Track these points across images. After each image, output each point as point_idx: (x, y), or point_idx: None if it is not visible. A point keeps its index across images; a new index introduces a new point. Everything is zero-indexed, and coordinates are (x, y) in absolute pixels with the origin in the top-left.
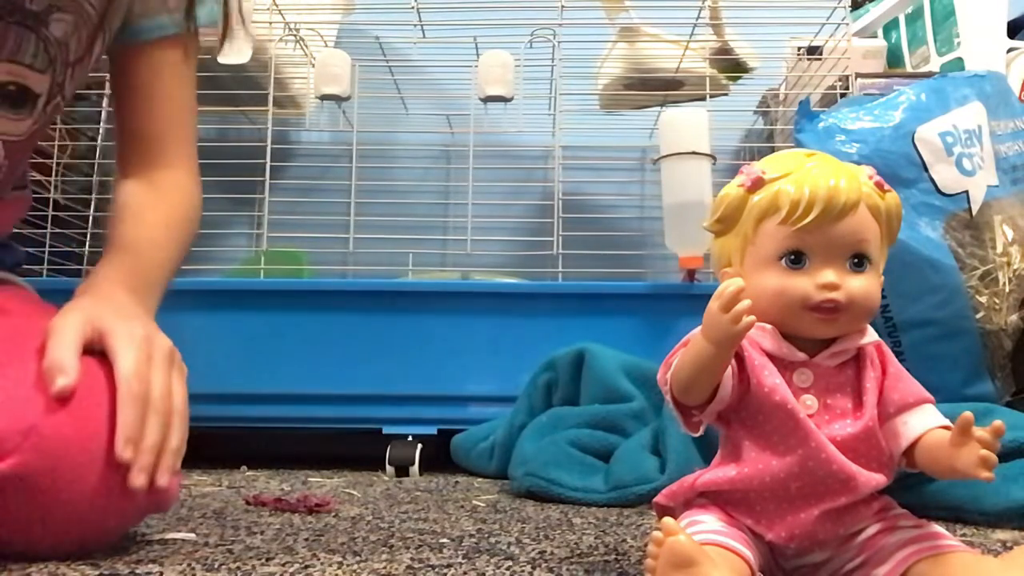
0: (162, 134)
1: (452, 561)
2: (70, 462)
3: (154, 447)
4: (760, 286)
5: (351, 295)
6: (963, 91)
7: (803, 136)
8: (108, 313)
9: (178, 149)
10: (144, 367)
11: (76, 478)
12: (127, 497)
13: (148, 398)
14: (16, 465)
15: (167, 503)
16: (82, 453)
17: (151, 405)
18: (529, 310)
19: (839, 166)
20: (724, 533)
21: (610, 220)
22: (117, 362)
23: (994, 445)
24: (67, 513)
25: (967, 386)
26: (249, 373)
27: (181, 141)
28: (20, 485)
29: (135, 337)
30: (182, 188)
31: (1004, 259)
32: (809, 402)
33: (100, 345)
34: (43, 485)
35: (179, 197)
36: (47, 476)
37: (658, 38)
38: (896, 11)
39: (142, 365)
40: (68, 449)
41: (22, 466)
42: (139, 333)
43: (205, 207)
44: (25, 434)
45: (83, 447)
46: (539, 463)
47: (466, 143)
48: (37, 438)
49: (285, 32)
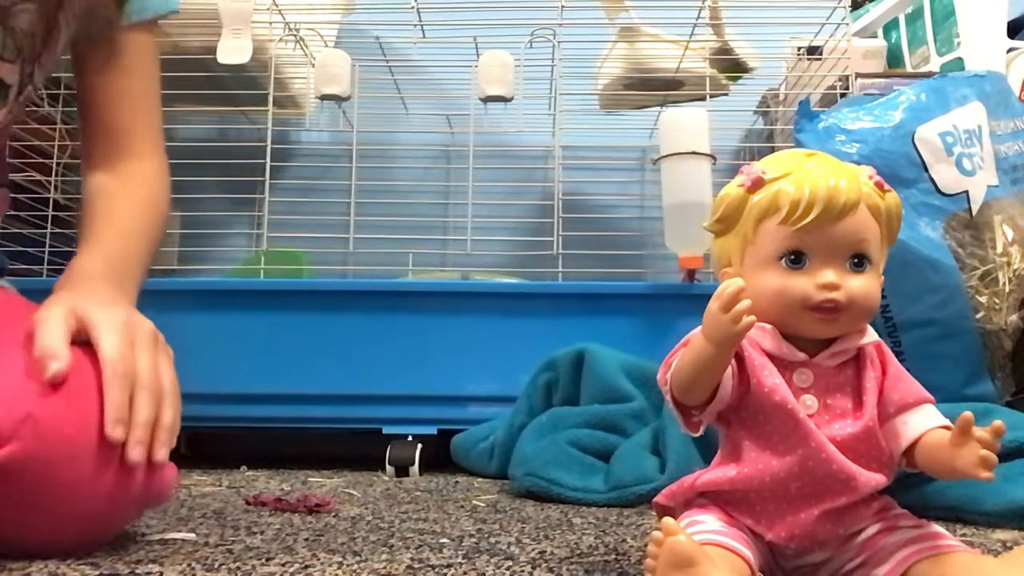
0: (128, 125)
1: (452, 561)
2: (67, 448)
3: (147, 422)
4: (760, 286)
5: (351, 295)
6: (963, 91)
7: (803, 136)
8: (88, 303)
9: (144, 138)
10: (128, 350)
11: (74, 464)
12: (125, 480)
13: (135, 378)
14: (14, 452)
15: (165, 493)
16: (78, 439)
17: (139, 384)
18: (529, 310)
19: (839, 166)
20: (724, 533)
21: (610, 220)
22: (101, 347)
23: (994, 445)
24: (66, 500)
25: (967, 386)
26: (249, 373)
27: (147, 130)
28: (19, 473)
29: (116, 323)
30: (150, 177)
31: (1004, 259)
32: (809, 402)
33: (84, 335)
34: (42, 472)
35: (147, 187)
36: (45, 463)
37: (658, 38)
38: (896, 11)
39: (126, 348)
40: (65, 435)
41: (20, 453)
42: (120, 319)
43: (205, 207)
44: (22, 421)
45: (79, 433)
46: (539, 463)
47: (466, 143)
48: (34, 425)
49: (285, 32)
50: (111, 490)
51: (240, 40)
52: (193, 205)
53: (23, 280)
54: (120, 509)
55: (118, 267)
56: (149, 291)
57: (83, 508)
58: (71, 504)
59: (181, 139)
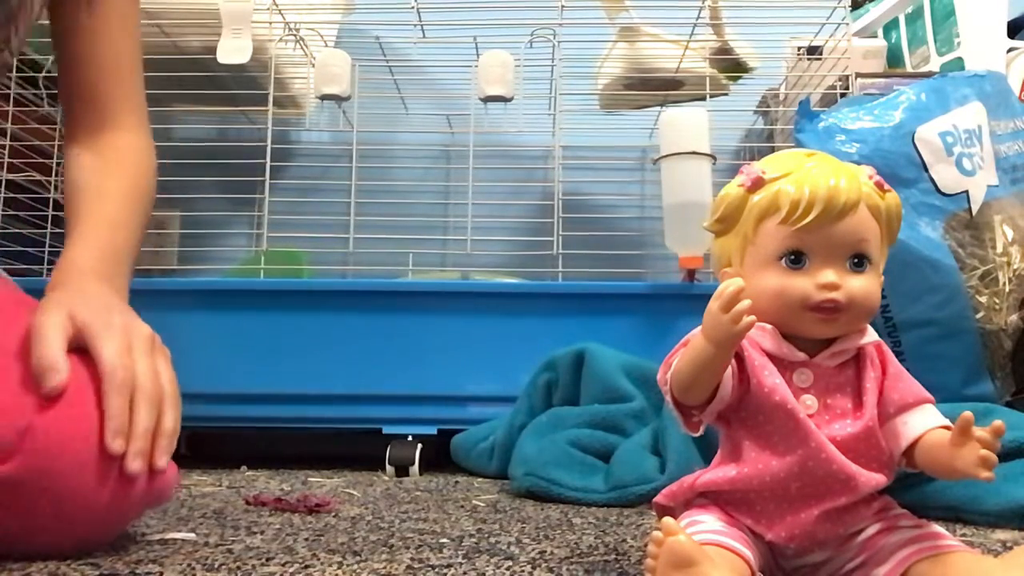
0: (110, 91)
1: (452, 561)
2: (68, 460)
3: (147, 431)
4: (760, 286)
5: (351, 295)
6: (963, 91)
7: (803, 136)
8: (83, 306)
9: (126, 108)
10: (126, 355)
11: (75, 475)
12: (127, 488)
13: (134, 385)
14: (17, 467)
15: (166, 493)
16: (79, 449)
17: (139, 391)
18: (529, 310)
19: (839, 166)
20: (724, 533)
21: (610, 220)
22: (99, 354)
23: (994, 445)
24: (69, 509)
25: (967, 386)
26: (249, 373)
27: (128, 98)
28: (21, 486)
29: (113, 327)
30: (134, 152)
31: (1004, 259)
32: (809, 402)
33: (81, 341)
34: (44, 484)
35: (132, 164)
36: (47, 475)
37: (658, 38)
38: (896, 11)
39: (124, 354)
40: (65, 447)
41: (22, 468)
42: (117, 322)
43: (205, 207)
44: (23, 434)
45: (80, 443)
46: (539, 463)
47: (466, 143)
48: (34, 438)
49: (285, 32)
50: (113, 497)
51: (240, 40)
52: (193, 205)
53: (23, 280)
54: (122, 514)
55: (109, 260)
56: (149, 291)
57: (85, 516)
58: (74, 513)
59: (181, 139)
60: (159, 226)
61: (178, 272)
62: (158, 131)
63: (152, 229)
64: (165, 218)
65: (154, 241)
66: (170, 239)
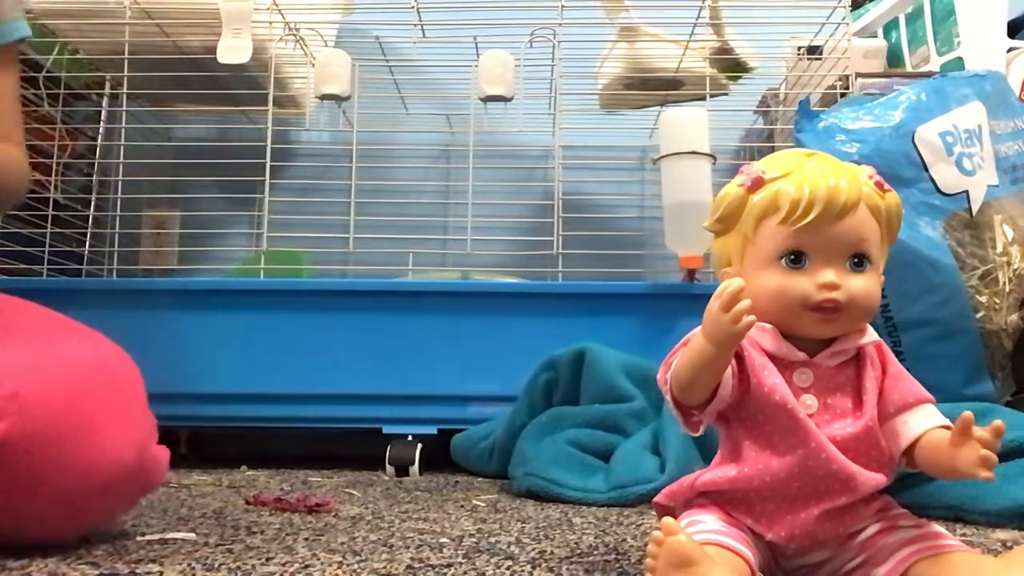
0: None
1: (452, 561)
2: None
3: None
4: (760, 286)
5: (351, 295)
6: (963, 91)
7: (803, 136)
8: None
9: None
10: None
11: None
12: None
13: None
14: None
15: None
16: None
17: None
18: (529, 310)
19: (839, 166)
20: (724, 533)
21: (610, 220)
22: None
23: (994, 445)
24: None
25: (967, 386)
26: (249, 373)
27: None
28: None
29: None
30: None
31: (1004, 259)
32: (809, 402)
33: None
34: (31, 451)
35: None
36: (34, 442)
37: (658, 38)
38: (896, 11)
39: None
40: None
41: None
42: None
43: (205, 207)
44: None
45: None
46: (539, 463)
47: (466, 143)
48: (21, 403)
49: (285, 32)
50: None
51: (240, 40)
52: (193, 205)
53: (23, 280)
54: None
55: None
56: (149, 291)
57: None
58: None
59: (181, 139)
60: (159, 226)
61: (178, 272)
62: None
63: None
64: (165, 218)
65: (154, 241)
66: (170, 239)
